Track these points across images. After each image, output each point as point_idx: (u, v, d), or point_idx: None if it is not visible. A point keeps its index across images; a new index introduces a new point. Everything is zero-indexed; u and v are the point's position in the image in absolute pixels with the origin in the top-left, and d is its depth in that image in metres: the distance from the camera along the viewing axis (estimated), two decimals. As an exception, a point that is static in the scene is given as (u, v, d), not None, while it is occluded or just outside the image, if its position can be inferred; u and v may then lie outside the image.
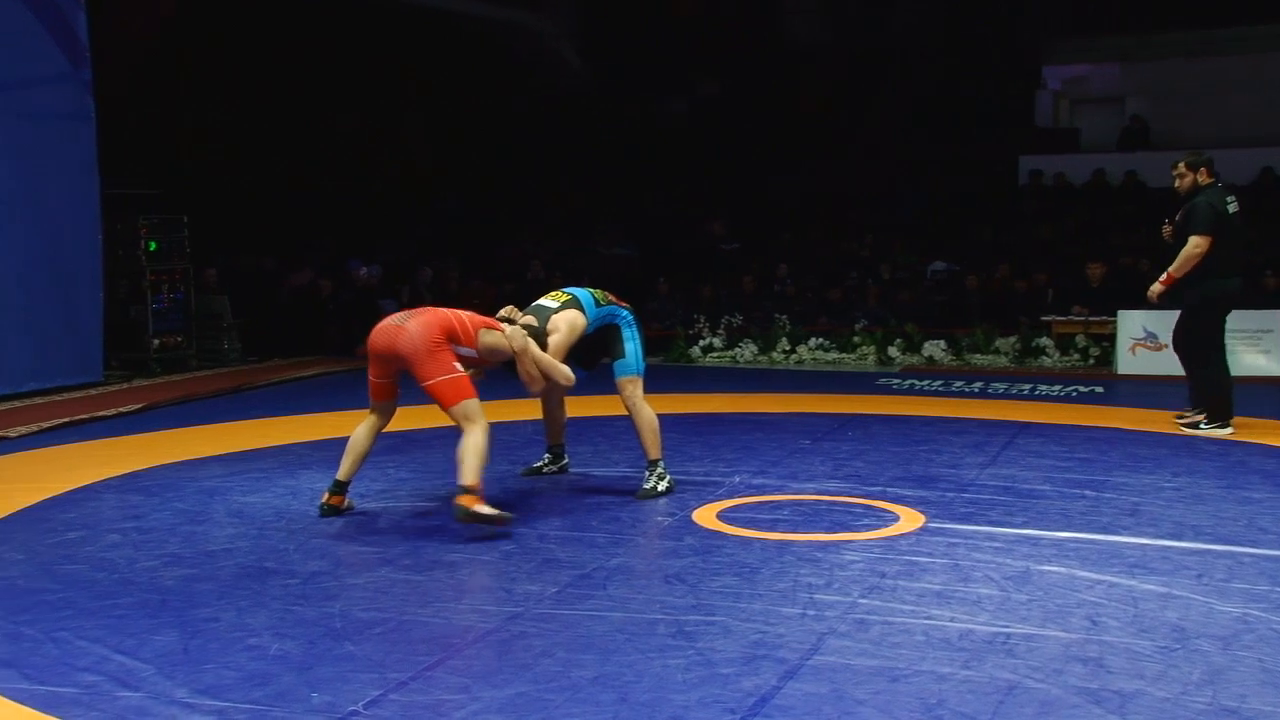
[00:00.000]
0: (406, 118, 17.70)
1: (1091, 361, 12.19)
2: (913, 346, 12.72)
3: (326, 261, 15.05)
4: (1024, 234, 15.78)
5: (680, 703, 3.34)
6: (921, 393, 10.10)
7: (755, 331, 13.49)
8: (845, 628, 3.96)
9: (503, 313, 5.93)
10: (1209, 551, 4.88)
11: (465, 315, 5.58)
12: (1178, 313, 8.61)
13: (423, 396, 5.44)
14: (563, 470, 6.71)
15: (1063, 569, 4.64)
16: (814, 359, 12.81)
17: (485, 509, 5.15)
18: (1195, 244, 7.95)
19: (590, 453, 7.29)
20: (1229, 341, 8.65)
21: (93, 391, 10.10)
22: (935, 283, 14.36)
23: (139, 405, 9.30)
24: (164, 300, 11.81)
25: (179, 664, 3.66)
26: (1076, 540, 5.08)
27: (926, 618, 4.06)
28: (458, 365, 5.35)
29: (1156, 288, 8.19)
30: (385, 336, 5.41)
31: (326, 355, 13.07)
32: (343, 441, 7.65)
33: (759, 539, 5.17)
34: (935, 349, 12.66)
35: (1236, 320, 11.76)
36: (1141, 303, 12.35)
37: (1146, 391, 10.48)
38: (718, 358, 13.33)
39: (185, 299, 12.06)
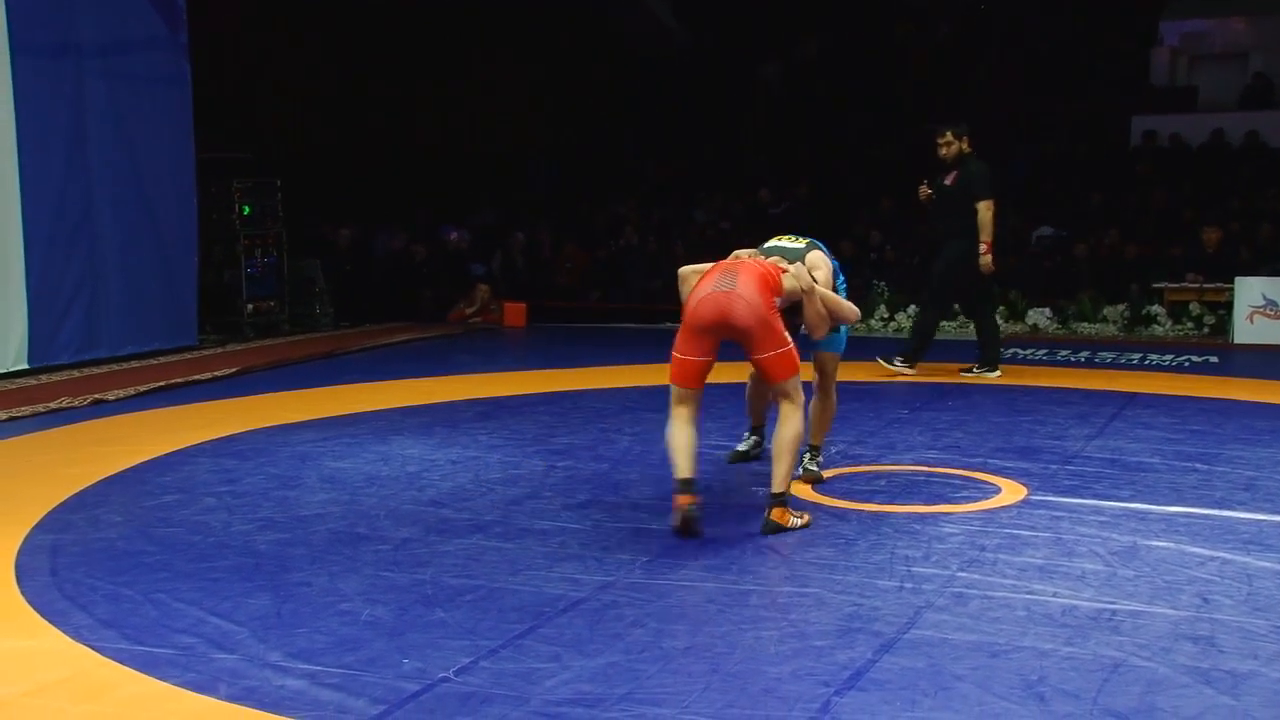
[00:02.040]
0: (500, 81, 17.77)
1: (1206, 330, 11.87)
2: (1016, 314, 12.49)
3: (419, 227, 15.25)
4: (1136, 198, 15.35)
5: (773, 675, 3.34)
6: (1025, 362, 9.93)
7: (854, 299, 13.35)
8: (943, 601, 3.93)
9: (741, 254, 5.33)
10: (1330, 529, 4.74)
11: (767, 263, 5.05)
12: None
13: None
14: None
15: (1172, 544, 4.54)
16: (913, 327, 12.65)
17: (796, 519, 4.82)
18: (988, 207, 8.86)
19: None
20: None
21: (187, 355, 10.37)
22: (1041, 248, 14.06)
23: (233, 370, 9.54)
24: (257, 265, 12.06)
25: (272, 627, 3.76)
26: (1187, 515, 4.96)
27: (1028, 593, 4.01)
28: (788, 335, 4.86)
29: (987, 259, 8.86)
30: (714, 306, 4.72)
31: (419, 321, 13.25)
32: (436, 407, 7.80)
33: (855, 510, 5.14)
34: (1040, 317, 12.42)
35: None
36: (1261, 269, 12.00)
37: (1265, 361, 10.17)
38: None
39: (278, 263, 12.29)
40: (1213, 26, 18.80)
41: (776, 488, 4.80)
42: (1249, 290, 11.55)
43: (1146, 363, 9.95)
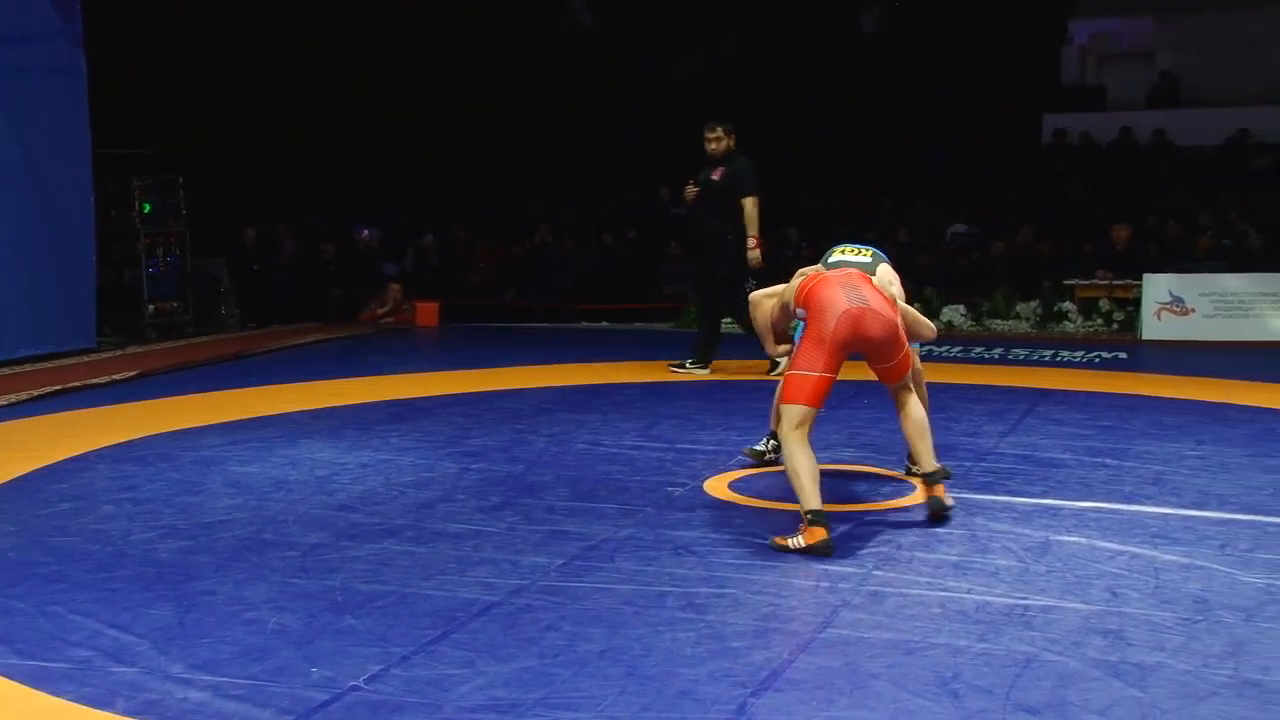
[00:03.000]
0: (410, 76, 17.61)
1: (1115, 326, 12.16)
2: (931, 312, 12.68)
3: (329, 224, 15.06)
4: (1048, 195, 15.70)
5: (689, 676, 3.36)
6: (940, 359, 10.08)
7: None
8: (859, 600, 3.98)
9: (807, 271, 5.31)
10: (1233, 521, 4.88)
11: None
12: (1202, 275, 8.70)
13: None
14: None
15: (1083, 539, 4.65)
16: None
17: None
18: (754, 203, 9.02)
19: (600, 421, 7.30)
20: (1255, 304, 8.70)
21: (86, 358, 10.13)
22: (956, 246, 14.31)
23: (133, 373, 9.33)
24: (159, 264, 11.82)
25: (174, 638, 3.69)
26: (1097, 510, 5.08)
27: (943, 590, 4.07)
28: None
29: (756, 254, 9.03)
30: (854, 323, 4.69)
31: (329, 321, 13.09)
32: (346, 409, 7.72)
33: (772, 510, 5.18)
34: (954, 314, 12.63)
35: (1264, 284, 11.80)
36: (1169, 266, 12.33)
37: (1172, 357, 10.45)
38: (730, 323, 13.31)
39: (181, 262, 12.06)
40: (1120, 26, 19.30)
41: (929, 467, 4.93)
42: (1156, 287, 11.86)
43: (1058, 359, 10.17)
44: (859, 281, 4.90)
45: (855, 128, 17.84)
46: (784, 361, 8.79)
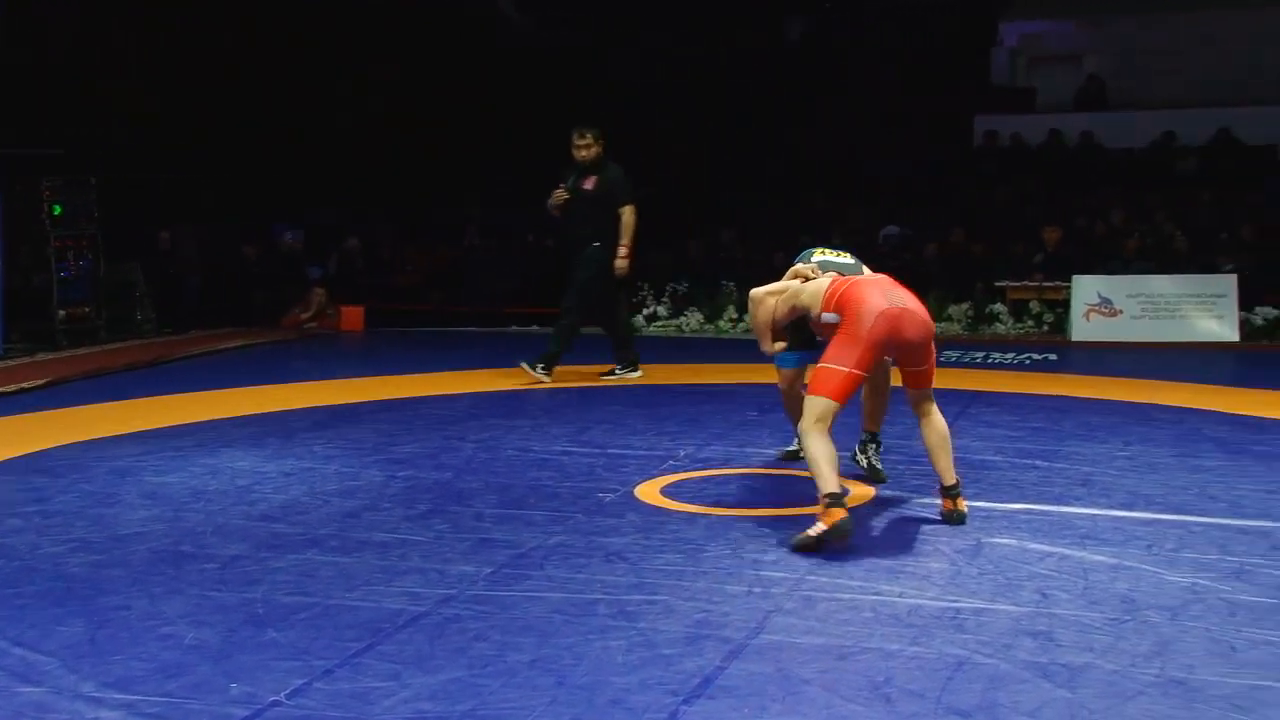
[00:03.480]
0: (333, 77, 17.43)
1: (1045, 328, 12.37)
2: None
3: (251, 226, 14.86)
4: (979, 197, 15.93)
5: (620, 685, 3.35)
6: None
7: (702, 299, 13.53)
8: (792, 605, 4.00)
9: (802, 270, 5.46)
10: (1160, 521, 4.98)
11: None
12: (1130, 277, 8.88)
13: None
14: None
15: (1014, 541, 4.72)
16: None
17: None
18: (632, 211, 8.92)
19: (529, 427, 7.28)
20: (1181, 305, 8.88)
21: (-6, 367, 9.92)
22: (888, 247, 14.47)
23: (43, 380, 9.14)
24: (70, 268, 11.58)
25: (85, 656, 3.61)
26: (1028, 512, 5.15)
27: (875, 593, 4.11)
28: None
29: (624, 263, 8.96)
30: (892, 323, 4.77)
31: (250, 326, 12.92)
32: (268, 417, 7.63)
33: (704, 514, 5.19)
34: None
35: (1190, 285, 12.08)
36: (1098, 267, 12.58)
37: (1101, 358, 10.65)
38: (662, 327, 13.36)
39: (93, 266, 11.83)
40: (1048, 28, 19.63)
41: (949, 480, 4.99)
42: (1085, 288, 12.08)
43: (990, 361, 10.32)
44: (893, 284, 4.99)
45: (788, 129, 17.94)
46: (627, 372, 8.91)
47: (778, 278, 5.55)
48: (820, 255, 5.56)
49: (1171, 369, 9.68)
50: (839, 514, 4.54)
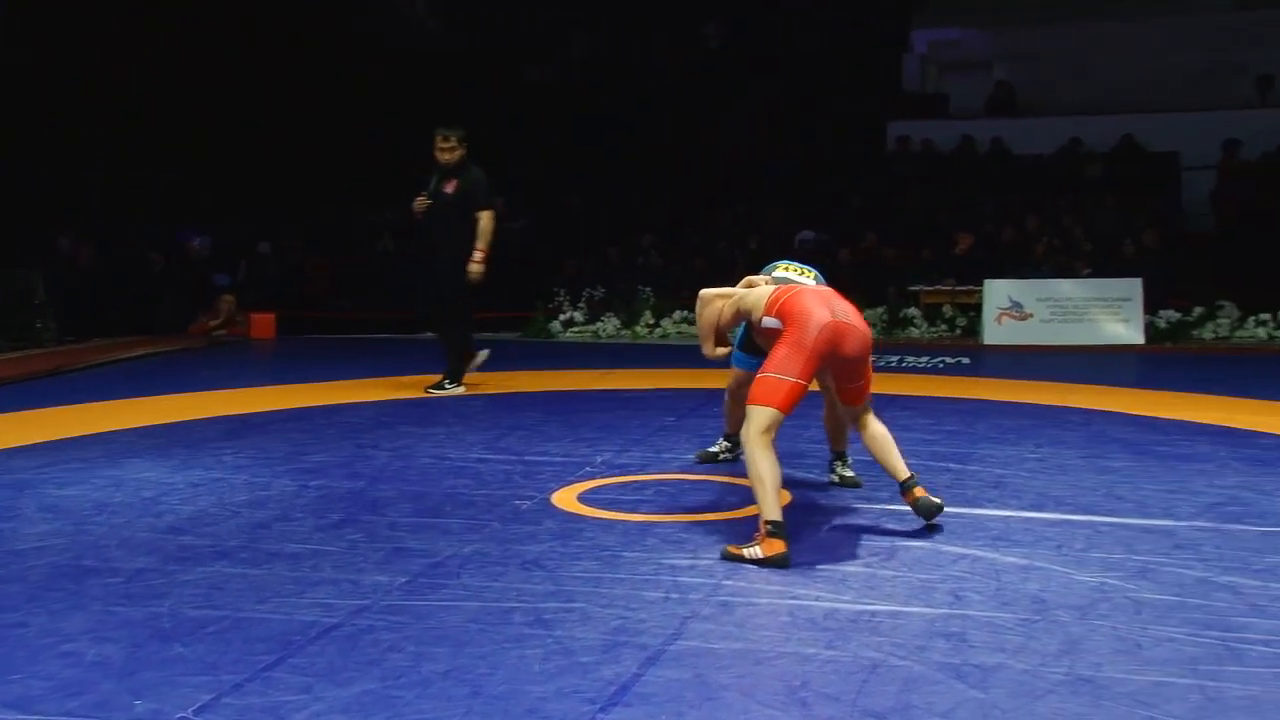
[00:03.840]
0: (245, 82, 17.17)
1: (958, 332, 12.57)
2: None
3: (157, 233, 14.59)
4: (893, 202, 16.16)
5: (537, 694, 3.34)
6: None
7: (618, 304, 13.55)
8: (709, 610, 4.01)
9: (756, 280, 5.49)
10: (1069, 522, 5.09)
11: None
12: (1040, 281, 9.01)
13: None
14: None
15: (928, 544, 4.78)
16: (679, 332, 12.92)
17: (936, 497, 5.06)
18: (490, 216, 8.70)
19: (444, 434, 7.23)
20: (1089, 309, 9.05)
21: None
22: (803, 251, 14.60)
23: (-59, 391, 8.89)
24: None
25: (-14, 674, 3.51)
26: (941, 514, 5.22)
27: (792, 598, 4.14)
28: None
29: (477, 268, 8.65)
30: (834, 336, 4.75)
31: (156, 334, 12.68)
32: (175, 427, 7.50)
33: (621, 521, 5.19)
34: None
35: (1097, 289, 12.36)
36: (1009, 272, 12.82)
37: (1012, 361, 10.85)
38: (578, 332, 13.36)
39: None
40: (959, 36, 19.99)
41: (902, 476, 5.00)
42: (997, 293, 12.31)
43: (904, 365, 10.46)
44: (835, 296, 4.98)
45: (705, 134, 18.05)
46: (455, 389, 8.66)
47: (697, 284, 5.58)
48: (782, 271, 5.60)
49: (1080, 371, 9.90)
50: (779, 546, 4.48)
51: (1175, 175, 16.50)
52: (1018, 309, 12.18)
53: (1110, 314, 12.05)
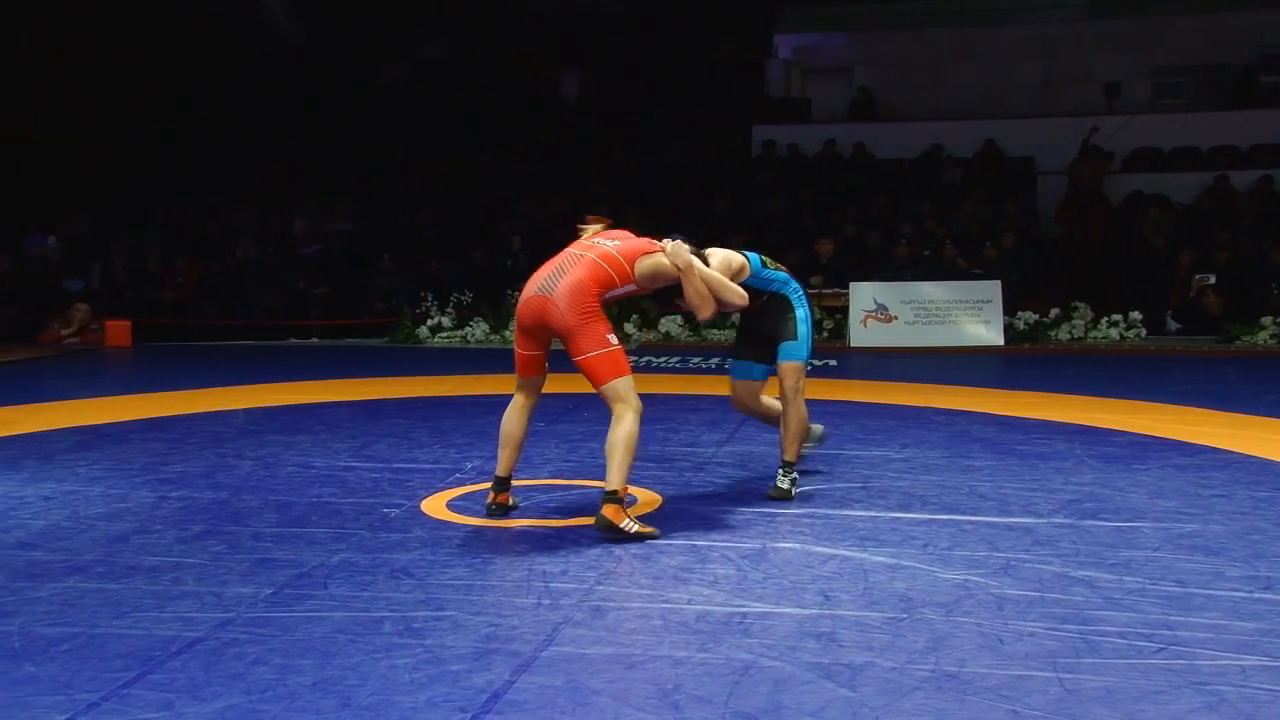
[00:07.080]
0: (96, 82, 16.63)
1: (825, 334, 12.79)
2: (649, 323, 12.99)
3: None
4: (758, 206, 16.37)
5: (407, 704, 3.31)
6: (658, 370, 10.34)
7: (487, 309, 13.48)
8: (581, 615, 4.02)
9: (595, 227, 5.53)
10: (935, 521, 5.23)
11: (616, 249, 5.16)
12: (904, 283, 9.20)
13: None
14: None
15: (798, 545, 4.86)
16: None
17: (633, 525, 4.92)
18: None
19: (310, 442, 7.11)
20: (951, 311, 9.27)
21: None
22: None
23: None
24: None
25: None
26: (810, 515, 5.33)
27: (664, 601, 4.17)
28: (611, 337, 5.04)
29: None
30: (531, 308, 5.10)
31: (2, 342, 12.21)
32: (24, 438, 7.22)
33: (491, 527, 5.17)
34: (671, 325, 12.97)
35: (957, 291, 12.71)
36: (872, 275, 13.08)
37: (878, 363, 11.09)
38: (447, 338, 13.26)
39: None
40: (820, 41, 20.36)
41: (611, 485, 4.93)
42: (862, 295, 12.56)
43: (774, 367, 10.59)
44: (571, 266, 5.11)
45: (570, 138, 18.06)
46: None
47: None
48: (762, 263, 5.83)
49: (943, 372, 10.16)
50: (490, 498, 5.16)
51: (1031, 180, 17.04)
52: (883, 311, 12.46)
53: (971, 316, 12.40)
